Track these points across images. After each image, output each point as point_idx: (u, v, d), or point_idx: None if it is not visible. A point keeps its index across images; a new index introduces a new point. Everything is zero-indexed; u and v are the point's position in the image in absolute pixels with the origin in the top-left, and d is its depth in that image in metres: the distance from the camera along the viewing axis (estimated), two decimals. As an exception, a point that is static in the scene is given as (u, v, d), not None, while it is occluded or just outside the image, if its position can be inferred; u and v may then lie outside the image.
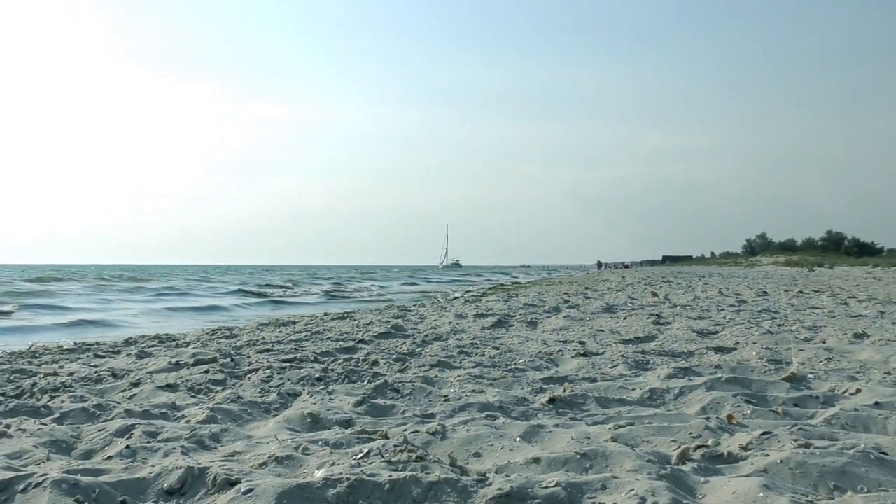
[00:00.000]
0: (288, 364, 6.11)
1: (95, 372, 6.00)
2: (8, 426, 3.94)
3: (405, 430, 3.72)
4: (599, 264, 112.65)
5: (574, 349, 7.09)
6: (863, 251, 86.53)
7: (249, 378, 5.56)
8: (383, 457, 3.12)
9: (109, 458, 3.39)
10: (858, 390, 4.52)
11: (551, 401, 4.57)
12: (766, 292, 17.34)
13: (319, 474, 2.86)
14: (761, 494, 2.54)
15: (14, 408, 4.54)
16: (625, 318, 10.74)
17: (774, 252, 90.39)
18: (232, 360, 6.35)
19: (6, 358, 7.66)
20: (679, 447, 3.28)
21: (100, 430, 3.88)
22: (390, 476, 2.78)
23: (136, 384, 5.40)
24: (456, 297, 21.47)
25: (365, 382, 5.33)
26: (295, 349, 7.26)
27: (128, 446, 3.48)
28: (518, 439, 3.55)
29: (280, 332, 9.71)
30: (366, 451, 3.23)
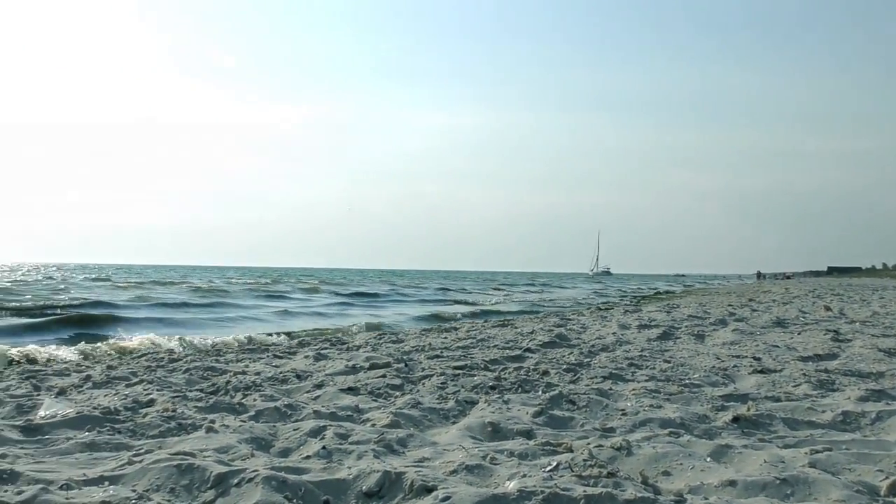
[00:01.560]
0: (460, 371, 6.23)
1: (280, 372, 6.34)
2: (213, 422, 4.23)
3: (588, 443, 3.70)
4: (759, 274, 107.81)
5: (750, 365, 6.81)
6: None
7: (424, 384, 5.71)
8: (573, 471, 3.12)
9: (307, 457, 3.57)
10: None
11: (735, 420, 4.42)
12: (957, 308, 16.01)
13: (512, 486, 2.89)
14: None
15: (214, 404, 4.88)
16: (799, 334, 10.21)
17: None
18: (406, 365, 6.54)
19: (196, 356, 8.23)
20: (887, 477, 3.09)
21: (294, 430, 4.10)
22: (584, 491, 2.77)
23: (319, 386, 5.67)
24: (614, 306, 21.10)
25: (539, 392, 5.35)
26: (464, 356, 7.39)
27: (324, 447, 3.66)
28: (708, 459, 3.46)
29: (445, 338, 9.90)
30: (554, 463, 3.25)
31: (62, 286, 32.14)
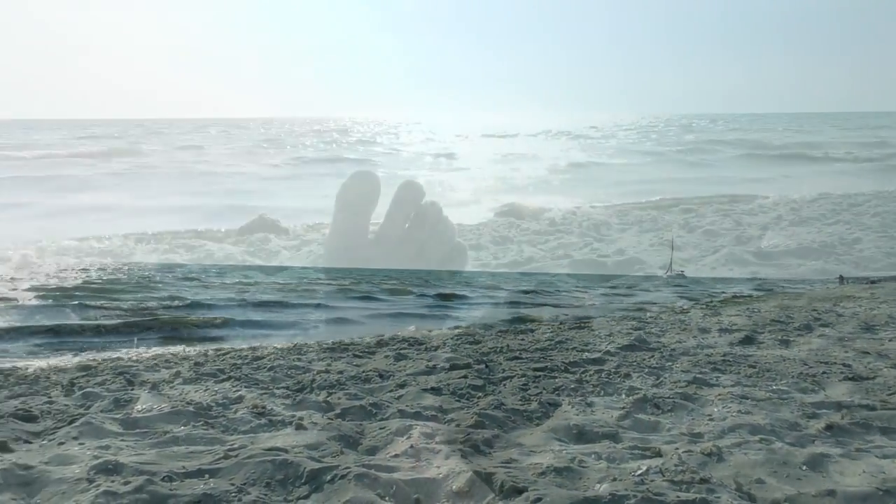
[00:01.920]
0: (541, 373, 6.21)
1: (362, 371, 6.42)
2: (301, 419, 4.33)
3: (677, 448, 3.65)
4: (841, 278, 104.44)
5: (840, 372, 6.60)
6: None
7: (506, 385, 5.71)
8: (664, 476, 3.09)
9: (396, 456, 3.62)
10: None
11: (828, 428, 4.30)
12: None
13: (603, 489, 2.88)
14: None
15: (300, 401, 4.98)
16: (890, 340, 9.82)
17: None
18: (486, 366, 6.56)
19: (277, 354, 8.40)
20: None
21: (381, 429, 4.16)
22: (678, 497, 2.75)
23: (401, 385, 5.73)
24: (691, 309, 20.66)
25: (622, 396, 5.29)
26: (542, 357, 7.35)
27: (411, 446, 3.70)
28: (803, 468, 3.38)
29: (522, 339, 9.85)
30: (644, 468, 3.22)
31: (156, 284, 32.96)
